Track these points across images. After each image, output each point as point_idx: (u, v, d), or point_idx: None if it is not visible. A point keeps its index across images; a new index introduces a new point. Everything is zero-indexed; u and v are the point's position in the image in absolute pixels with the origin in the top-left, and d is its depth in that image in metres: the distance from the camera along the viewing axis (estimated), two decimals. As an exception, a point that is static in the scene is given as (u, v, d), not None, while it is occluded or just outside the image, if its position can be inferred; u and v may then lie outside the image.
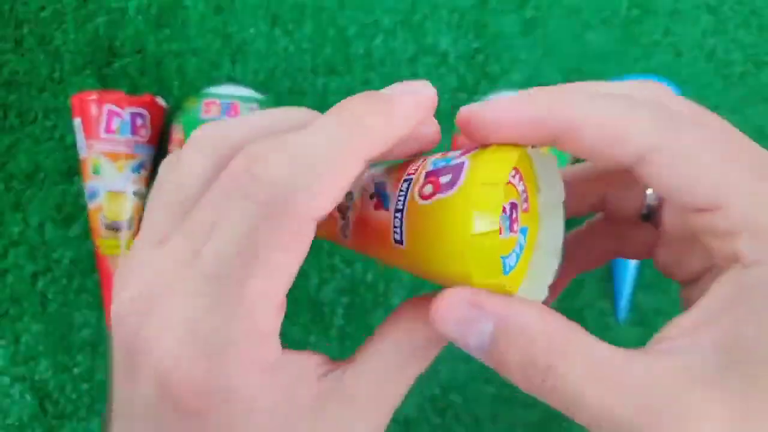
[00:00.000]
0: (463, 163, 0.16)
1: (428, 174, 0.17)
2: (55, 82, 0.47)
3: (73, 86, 0.47)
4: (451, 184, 0.16)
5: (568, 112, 0.16)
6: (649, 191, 0.21)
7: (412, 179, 0.17)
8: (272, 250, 0.15)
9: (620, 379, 0.14)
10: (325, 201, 0.15)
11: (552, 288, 0.19)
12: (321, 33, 0.48)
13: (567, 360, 0.15)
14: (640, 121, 0.15)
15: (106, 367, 0.46)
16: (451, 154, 0.18)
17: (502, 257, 0.16)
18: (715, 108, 0.17)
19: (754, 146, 0.16)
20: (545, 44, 0.48)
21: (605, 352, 0.15)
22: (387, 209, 0.18)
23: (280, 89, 0.48)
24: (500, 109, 0.16)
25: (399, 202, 0.17)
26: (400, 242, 0.17)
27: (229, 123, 0.19)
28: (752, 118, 0.47)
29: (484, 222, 0.15)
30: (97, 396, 0.46)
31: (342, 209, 0.20)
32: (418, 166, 0.18)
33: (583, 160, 0.19)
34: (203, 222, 0.16)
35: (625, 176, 0.20)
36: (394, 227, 0.17)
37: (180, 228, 0.16)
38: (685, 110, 0.16)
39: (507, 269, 0.17)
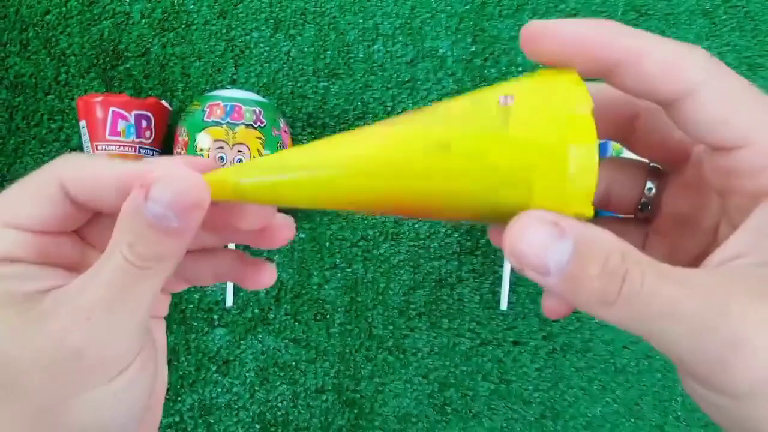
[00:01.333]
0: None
1: None
2: (61, 84, 0.48)
3: (78, 89, 0.48)
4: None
5: (636, 41, 0.17)
6: (648, 183, 0.22)
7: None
8: None
9: (689, 281, 0.16)
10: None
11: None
12: (322, 37, 0.49)
13: (642, 267, 0.16)
14: (696, 59, 0.17)
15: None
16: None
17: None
18: None
19: None
20: (542, 48, 0.49)
21: (668, 266, 0.16)
22: None
23: (282, 92, 0.48)
24: (576, 26, 0.18)
25: None
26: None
27: None
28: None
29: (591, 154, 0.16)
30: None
31: None
32: None
33: None
34: None
35: (629, 166, 0.21)
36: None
37: None
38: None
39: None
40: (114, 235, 0.18)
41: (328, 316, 0.48)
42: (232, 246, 0.40)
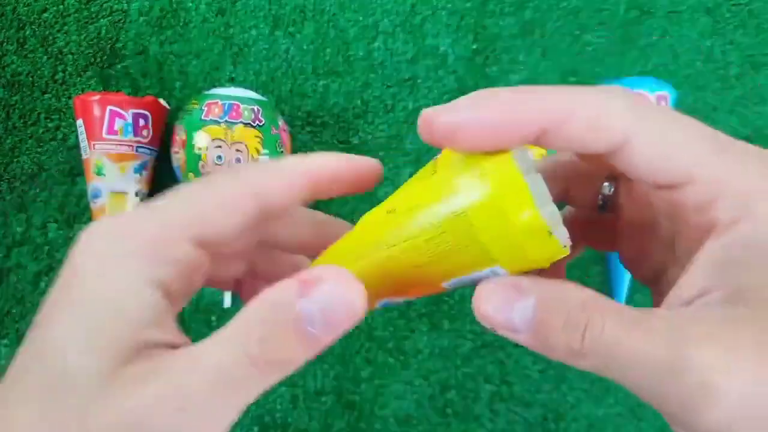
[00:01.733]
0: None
1: None
2: (58, 83, 0.48)
3: (75, 87, 0.48)
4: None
5: (553, 105, 0.17)
6: (606, 184, 0.22)
7: None
8: None
9: (650, 327, 0.16)
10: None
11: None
12: (321, 35, 0.48)
13: (603, 315, 0.16)
14: (617, 108, 0.17)
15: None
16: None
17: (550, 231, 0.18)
18: (712, 109, 0.17)
19: (708, 127, 0.17)
20: (544, 46, 0.48)
21: (631, 310, 0.16)
22: None
23: (281, 90, 0.48)
24: (484, 115, 0.17)
25: None
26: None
27: None
28: (750, 119, 0.48)
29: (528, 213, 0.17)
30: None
31: None
32: None
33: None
34: None
35: (582, 167, 0.21)
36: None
37: None
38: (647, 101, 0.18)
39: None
40: (243, 317, 0.16)
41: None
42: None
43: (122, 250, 0.17)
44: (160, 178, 0.46)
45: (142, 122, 0.43)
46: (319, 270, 0.16)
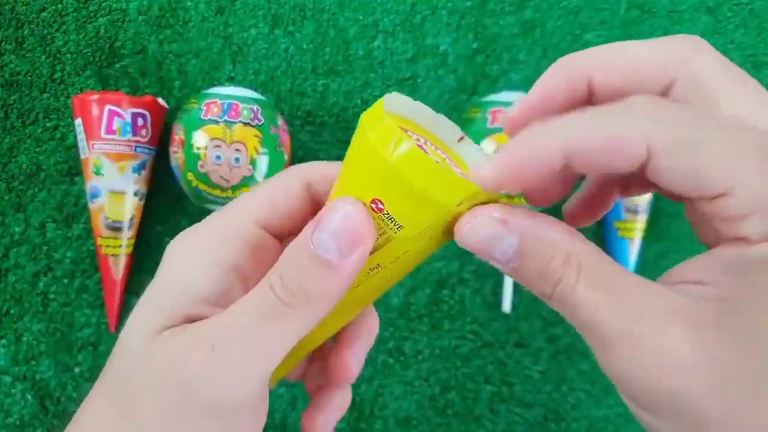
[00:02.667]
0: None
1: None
2: (56, 82, 0.47)
3: (74, 87, 0.47)
4: None
5: (574, 142, 0.16)
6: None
7: None
8: None
9: (617, 298, 0.16)
10: None
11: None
12: (321, 34, 0.48)
13: (579, 274, 0.16)
14: (640, 126, 0.16)
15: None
16: None
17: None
18: None
19: (743, 130, 0.16)
20: (544, 45, 0.48)
21: (612, 272, 0.16)
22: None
23: (280, 90, 0.48)
24: (516, 156, 0.17)
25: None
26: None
27: None
28: (750, 119, 0.47)
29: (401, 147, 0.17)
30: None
31: None
32: None
33: None
34: None
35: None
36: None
37: None
38: (713, 75, 0.17)
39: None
40: (272, 268, 0.18)
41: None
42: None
43: (199, 239, 0.19)
44: (159, 177, 0.46)
45: (140, 122, 0.43)
46: (333, 202, 0.17)
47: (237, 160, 0.40)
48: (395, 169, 0.17)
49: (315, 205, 0.20)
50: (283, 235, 0.20)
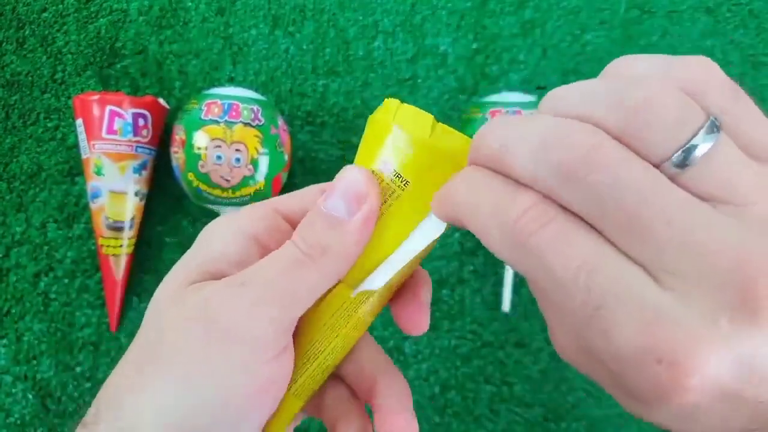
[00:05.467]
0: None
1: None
2: (57, 83, 0.48)
3: (74, 87, 0.47)
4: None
5: None
6: None
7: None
8: None
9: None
10: None
11: None
12: (321, 34, 0.48)
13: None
14: None
15: (107, 365, 0.46)
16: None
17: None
18: None
19: None
20: (544, 45, 0.48)
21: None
22: None
23: (280, 90, 0.48)
24: None
25: None
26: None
27: None
28: (750, 119, 0.47)
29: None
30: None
31: None
32: None
33: None
34: None
35: None
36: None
37: None
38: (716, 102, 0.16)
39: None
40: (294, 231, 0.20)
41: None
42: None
43: (226, 218, 0.22)
44: (160, 177, 0.46)
45: (141, 122, 0.43)
46: (343, 170, 0.20)
47: (237, 160, 0.40)
48: (396, 126, 0.20)
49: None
50: (295, 221, 0.22)
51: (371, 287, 0.21)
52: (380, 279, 0.21)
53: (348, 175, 0.20)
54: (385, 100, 0.21)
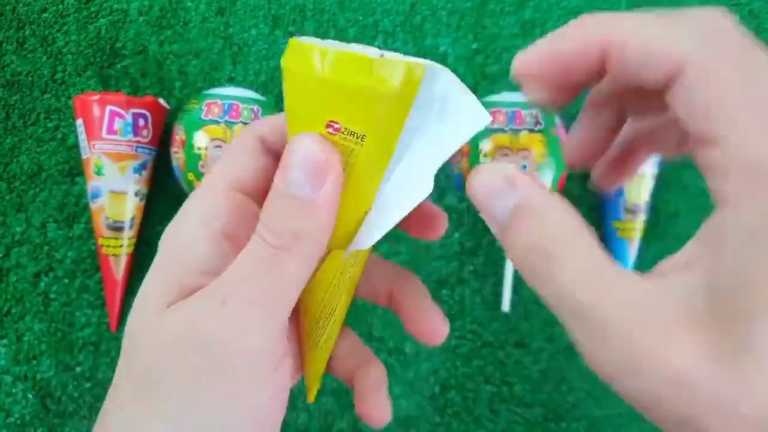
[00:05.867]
0: None
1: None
2: (57, 83, 0.48)
3: (75, 87, 0.47)
4: None
5: (613, 30, 0.16)
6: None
7: None
8: None
9: (609, 285, 0.15)
10: None
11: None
12: (321, 34, 0.48)
13: (567, 252, 0.16)
14: (681, 37, 0.15)
15: (107, 366, 0.46)
16: None
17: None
18: None
19: None
20: (544, 45, 0.48)
21: (604, 259, 0.16)
22: None
23: (280, 90, 0.48)
24: (552, 44, 0.18)
25: None
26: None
27: None
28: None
29: None
30: (99, 395, 0.46)
31: None
32: None
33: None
34: None
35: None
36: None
37: None
38: (734, 40, 0.16)
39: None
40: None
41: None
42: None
43: (184, 219, 0.20)
44: (160, 177, 0.46)
45: (141, 122, 0.43)
46: (293, 140, 0.18)
47: (237, 160, 0.40)
48: (330, 81, 0.17)
49: (276, 158, 0.20)
50: (260, 195, 0.20)
51: (362, 247, 0.20)
52: (366, 239, 0.20)
53: (302, 147, 0.17)
54: (293, 41, 0.18)
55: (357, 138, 0.18)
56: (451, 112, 0.19)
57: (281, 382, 0.19)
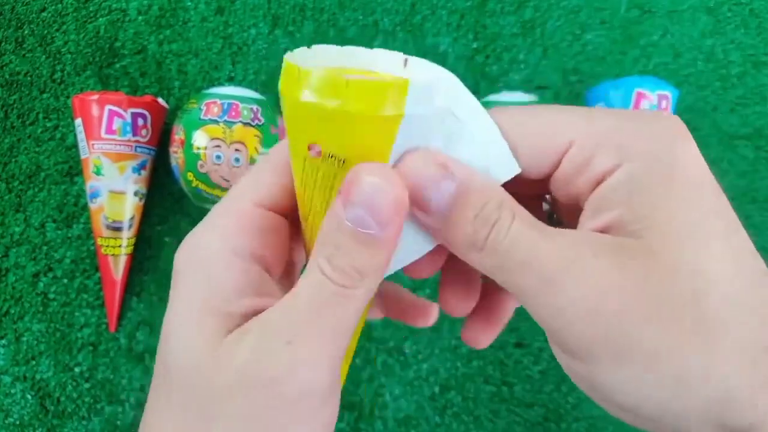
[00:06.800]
0: None
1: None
2: (56, 82, 0.47)
3: (74, 87, 0.47)
4: None
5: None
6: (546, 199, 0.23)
7: None
8: None
9: (552, 235, 0.17)
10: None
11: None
12: (321, 34, 0.48)
13: (514, 217, 0.17)
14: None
15: (106, 366, 0.46)
16: None
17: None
18: (713, 108, 0.17)
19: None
20: (544, 45, 0.48)
21: (544, 224, 0.17)
22: None
23: (280, 90, 0.48)
24: None
25: None
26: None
27: None
28: (751, 119, 0.47)
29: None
30: (97, 395, 0.46)
31: None
32: None
33: None
34: None
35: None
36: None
37: None
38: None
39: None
40: (314, 250, 0.17)
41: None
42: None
43: (208, 237, 0.19)
44: (159, 177, 0.46)
45: (140, 122, 0.43)
46: (353, 173, 0.17)
47: (237, 160, 0.40)
48: (308, 104, 0.16)
49: None
50: (287, 211, 0.20)
51: None
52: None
53: (369, 181, 0.16)
54: (285, 61, 0.17)
55: (338, 162, 0.17)
56: (472, 135, 0.18)
57: (334, 410, 0.19)
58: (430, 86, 0.16)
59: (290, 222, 0.20)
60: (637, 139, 0.17)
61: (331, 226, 0.17)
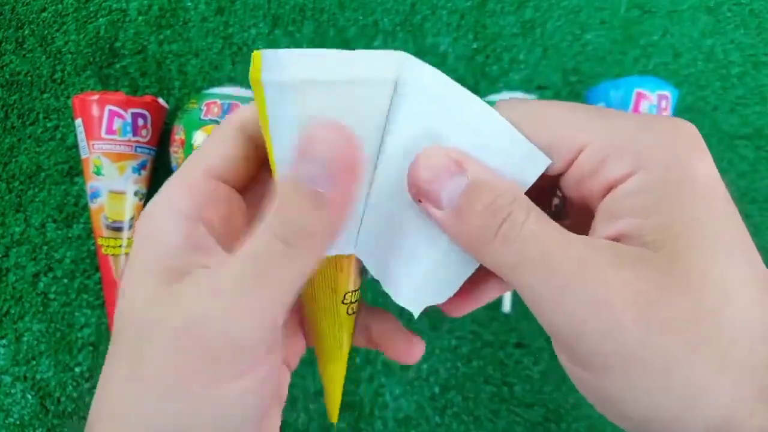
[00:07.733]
0: None
1: None
2: (57, 82, 0.47)
3: (74, 87, 0.47)
4: None
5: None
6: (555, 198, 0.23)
7: None
8: None
9: (569, 237, 0.17)
10: None
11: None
12: (321, 34, 0.48)
13: (528, 213, 0.17)
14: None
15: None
16: None
17: None
18: (713, 108, 0.17)
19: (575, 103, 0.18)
20: (544, 45, 0.48)
21: (557, 223, 0.17)
22: None
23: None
24: None
25: None
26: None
27: None
28: (751, 119, 0.47)
29: None
30: (98, 395, 0.46)
31: None
32: None
33: None
34: None
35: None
36: None
37: None
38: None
39: None
40: (264, 207, 0.17)
41: (327, 318, 0.47)
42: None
43: (158, 202, 0.19)
44: (159, 177, 0.46)
45: (141, 122, 0.43)
46: (309, 131, 0.16)
47: (237, 160, 0.40)
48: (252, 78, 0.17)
49: (257, 146, 0.20)
50: (241, 184, 0.20)
51: (343, 252, 0.21)
52: (346, 245, 0.20)
53: (325, 137, 0.16)
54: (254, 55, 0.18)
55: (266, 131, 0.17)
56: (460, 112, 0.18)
57: (271, 370, 0.19)
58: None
59: (244, 195, 0.20)
60: (654, 148, 0.16)
61: (283, 182, 0.17)
